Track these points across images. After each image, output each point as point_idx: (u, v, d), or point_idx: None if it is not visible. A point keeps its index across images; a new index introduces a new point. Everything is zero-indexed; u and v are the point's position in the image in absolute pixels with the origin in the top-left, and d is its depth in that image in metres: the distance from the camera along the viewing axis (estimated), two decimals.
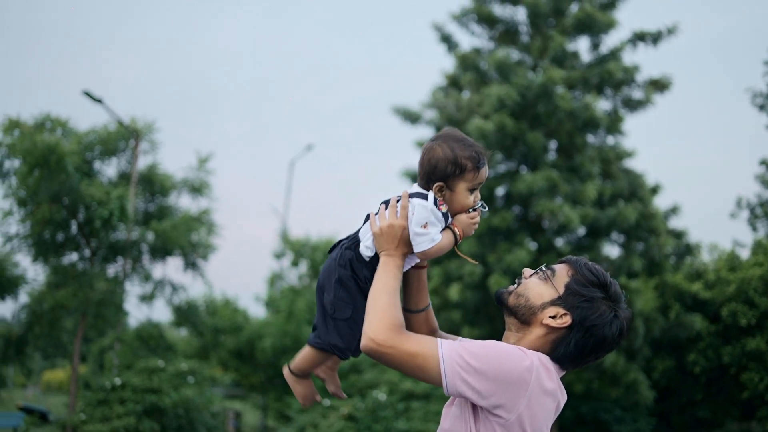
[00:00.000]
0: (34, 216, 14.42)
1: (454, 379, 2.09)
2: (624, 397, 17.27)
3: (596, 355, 2.31)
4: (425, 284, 2.57)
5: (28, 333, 14.98)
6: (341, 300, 2.35)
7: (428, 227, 2.28)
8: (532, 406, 2.12)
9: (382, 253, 2.32)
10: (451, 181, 2.33)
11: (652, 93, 18.32)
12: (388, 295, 2.22)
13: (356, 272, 2.36)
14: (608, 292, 2.31)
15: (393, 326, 2.16)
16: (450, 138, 2.38)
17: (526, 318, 2.33)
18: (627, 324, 2.32)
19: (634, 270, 16.72)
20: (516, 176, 17.39)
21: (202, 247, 16.93)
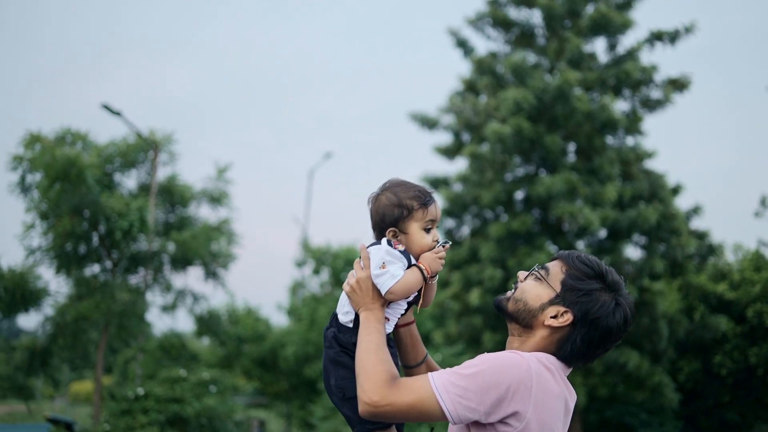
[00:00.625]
0: (56, 229, 14.57)
1: (457, 409, 2.07)
2: (649, 401, 17.07)
3: (605, 347, 2.28)
4: (417, 338, 2.56)
5: (52, 345, 15.12)
6: (344, 379, 2.32)
7: (386, 266, 2.26)
8: (539, 410, 2.08)
9: (360, 310, 2.30)
10: (402, 224, 2.34)
11: (671, 92, 18.16)
12: (373, 353, 2.18)
13: (344, 345, 2.34)
14: (606, 281, 2.27)
15: (384, 383, 2.12)
16: (392, 185, 2.42)
17: (527, 322, 2.31)
18: (631, 310, 2.28)
19: (657, 272, 16.54)
20: (535, 179, 17.29)
21: (222, 257, 17.02)
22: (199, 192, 17.56)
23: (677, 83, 18.30)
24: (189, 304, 17.17)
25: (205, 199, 17.62)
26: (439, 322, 19.81)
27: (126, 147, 16.42)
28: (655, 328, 16.54)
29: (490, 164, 17.67)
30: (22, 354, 15.29)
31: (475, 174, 18.05)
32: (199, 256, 16.30)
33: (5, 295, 13.61)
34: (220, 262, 16.94)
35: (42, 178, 14.59)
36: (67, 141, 15.59)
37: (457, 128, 19.77)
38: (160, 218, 17.12)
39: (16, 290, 13.62)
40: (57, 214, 14.61)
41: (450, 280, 18.08)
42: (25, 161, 14.75)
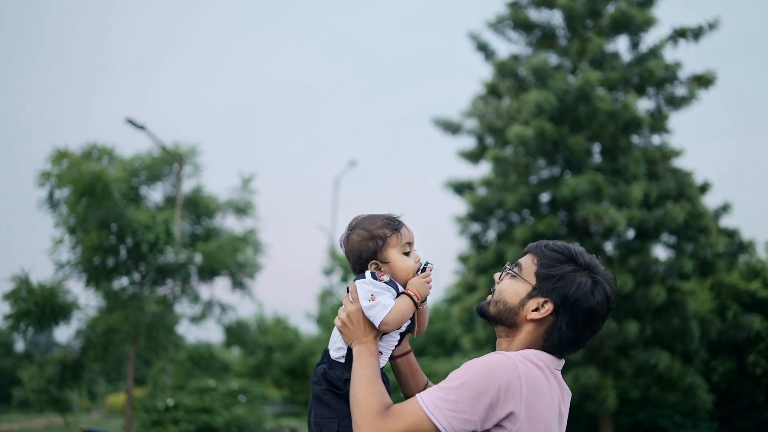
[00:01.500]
0: (84, 243, 14.76)
1: (452, 424, 2.03)
2: (682, 402, 16.81)
3: (592, 328, 2.26)
4: (417, 367, 2.54)
5: (83, 358, 15.32)
6: (324, 418, 2.30)
7: (375, 298, 2.25)
8: (531, 409, 2.06)
9: (354, 344, 2.28)
10: (381, 254, 2.34)
11: (696, 89, 17.92)
12: (365, 387, 2.15)
13: (333, 382, 2.31)
14: (578, 262, 2.25)
15: (376, 415, 2.09)
16: (358, 222, 2.41)
17: (511, 321, 2.29)
18: (611, 286, 2.26)
19: (686, 271, 16.30)
20: (559, 181, 17.17)
21: (248, 267, 17.14)
22: (224, 203, 17.72)
23: (702, 79, 18.06)
24: (217, 314, 17.31)
25: (230, 209, 17.78)
26: (468, 327, 19.71)
27: (151, 160, 16.64)
28: (686, 328, 16.31)
29: (514, 167, 17.58)
30: (54, 367, 15.51)
31: (499, 178, 17.97)
32: (225, 266, 16.43)
33: (35, 309, 13.81)
34: (247, 272, 17.05)
35: (69, 194, 14.80)
36: (93, 156, 15.80)
37: (481, 132, 19.72)
38: (187, 230, 17.30)
39: (46, 305, 13.81)
40: (84, 228, 14.81)
41: (476, 284, 18.00)
42: (52, 177, 14.98)
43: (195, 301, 16.96)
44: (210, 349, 17.07)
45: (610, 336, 15.74)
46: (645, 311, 16.39)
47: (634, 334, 15.61)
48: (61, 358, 15.46)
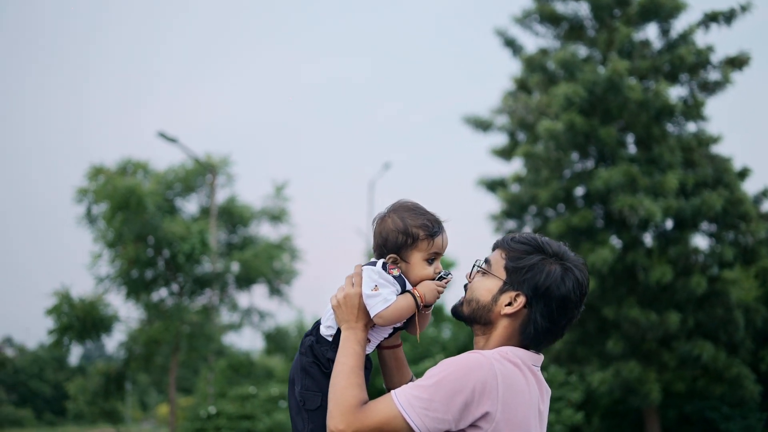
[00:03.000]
0: (122, 256, 15.07)
1: (425, 423, 2.02)
2: (729, 394, 16.44)
3: (567, 315, 2.23)
4: (403, 362, 2.51)
5: (126, 369, 15.62)
6: (309, 390, 2.28)
7: (378, 289, 2.21)
8: (507, 408, 2.04)
9: (343, 326, 2.26)
10: (404, 252, 2.28)
11: (729, 72, 17.51)
12: (345, 377, 2.14)
13: (318, 357, 2.30)
14: (546, 251, 2.23)
15: (350, 410, 2.07)
16: (401, 208, 2.34)
17: (486, 319, 2.26)
18: (582, 272, 2.23)
19: (727, 260, 15.95)
20: (593, 174, 16.96)
21: (285, 273, 17.31)
22: (259, 211, 17.94)
23: (736, 61, 17.63)
24: (255, 321, 17.50)
25: (265, 217, 17.98)
26: None
27: (185, 172, 16.92)
28: (730, 318, 15.95)
29: (545, 162, 17.41)
30: (98, 379, 15.85)
31: (531, 173, 17.81)
32: (262, 274, 16.62)
33: (77, 323, 14.14)
34: (284, 279, 17.22)
35: (106, 208, 15.13)
36: (128, 170, 16.14)
37: (512, 128, 19.58)
38: (222, 239, 17.55)
39: (87, 318, 14.14)
40: (122, 242, 15.12)
41: None
42: (89, 193, 15.33)
43: (233, 310, 17.18)
44: (249, 357, 17.23)
45: (651, 328, 15.49)
46: (686, 302, 16.08)
47: (676, 325, 15.33)
48: (104, 370, 15.79)
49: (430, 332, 21.24)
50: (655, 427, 16.93)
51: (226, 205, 17.45)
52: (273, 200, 17.92)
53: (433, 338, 20.32)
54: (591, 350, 16.98)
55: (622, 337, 15.90)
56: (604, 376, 15.61)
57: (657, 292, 16.09)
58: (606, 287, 16.31)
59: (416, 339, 15.42)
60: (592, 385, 16.06)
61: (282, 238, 17.72)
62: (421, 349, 17.92)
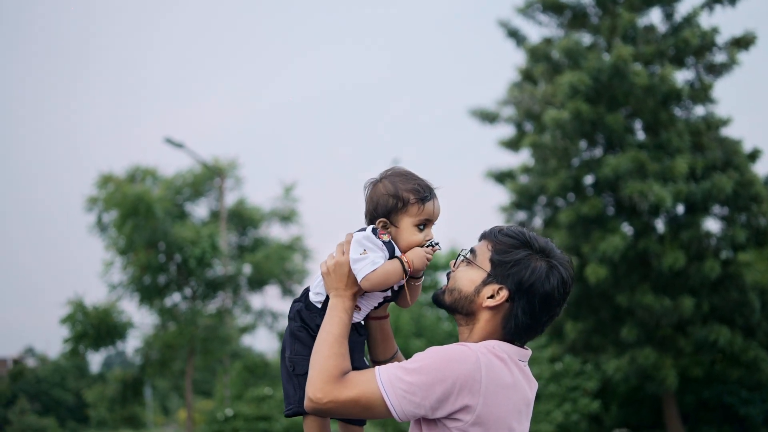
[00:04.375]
0: (134, 263, 15.16)
1: (402, 405, 2.01)
2: (747, 377, 16.34)
3: (549, 313, 2.20)
4: (389, 334, 2.47)
5: (143, 374, 15.72)
6: (298, 354, 2.27)
7: (367, 252, 2.19)
8: (490, 403, 2.03)
9: (332, 294, 2.24)
10: (395, 216, 2.26)
11: (735, 53, 17.35)
12: (328, 345, 2.13)
13: (307, 322, 2.29)
14: (533, 247, 2.19)
15: (330, 379, 2.07)
16: (393, 174, 2.33)
17: (468, 309, 2.24)
18: (567, 270, 2.19)
19: (739, 242, 15.83)
20: (601, 161, 16.87)
21: (297, 274, 17.34)
22: (268, 212, 17.97)
23: (741, 42, 17.46)
24: (269, 322, 17.55)
25: (275, 218, 18.01)
26: None
27: (193, 177, 16.97)
28: (745, 300, 15.85)
29: (553, 152, 17.33)
30: (115, 386, 15.95)
31: (539, 163, 17.74)
32: (274, 275, 16.67)
33: (92, 331, 14.24)
34: (295, 279, 17.26)
35: (116, 216, 15.21)
36: (137, 178, 16.21)
37: (519, 119, 19.51)
38: (233, 242, 17.61)
39: (101, 326, 14.23)
40: (133, 248, 15.20)
41: None
42: (99, 201, 15.42)
43: (246, 311, 17.24)
44: (264, 358, 17.29)
45: (665, 314, 15.41)
46: (700, 286, 15.98)
47: (690, 310, 15.23)
48: (121, 376, 15.89)
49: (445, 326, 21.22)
50: (673, 414, 16.85)
51: (235, 208, 17.50)
52: (282, 201, 17.97)
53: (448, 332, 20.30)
54: (606, 338, 16.91)
55: (637, 324, 15.82)
56: (620, 364, 15.55)
57: (670, 277, 15.99)
58: (619, 275, 16.23)
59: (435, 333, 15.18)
60: (607, 374, 16.01)
61: (293, 239, 17.77)
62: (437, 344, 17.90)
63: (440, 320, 22.63)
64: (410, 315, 22.28)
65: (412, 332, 21.47)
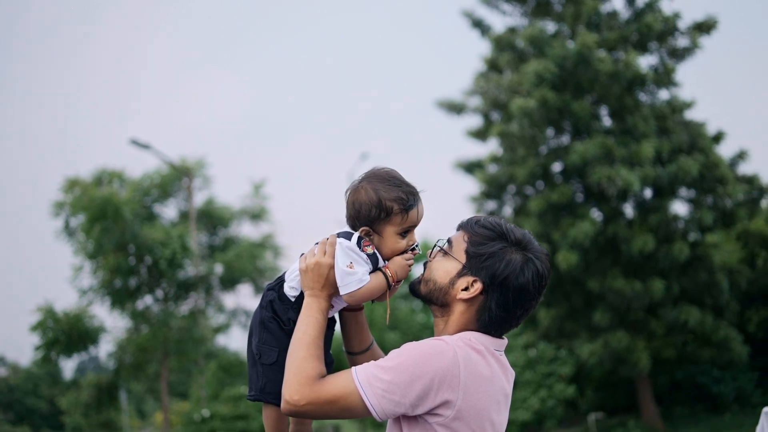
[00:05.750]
0: (103, 267, 14.97)
1: (381, 404, 1.99)
2: (718, 357, 16.59)
3: (523, 306, 2.17)
4: (364, 325, 2.46)
5: (117, 379, 15.55)
6: (266, 344, 2.24)
7: (354, 266, 2.16)
8: (470, 396, 2.02)
9: (307, 292, 2.21)
10: (378, 225, 2.22)
11: (697, 37, 17.57)
12: (305, 347, 2.10)
13: (278, 314, 2.26)
14: (509, 239, 2.17)
15: (307, 381, 2.04)
16: (375, 178, 2.26)
17: (442, 300, 2.22)
18: (543, 263, 2.17)
19: (707, 224, 16.05)
20: (569, 148, 16.98)
21: (269, 271, 17.25)
22: (238, 211, 17.85)
23: (703, 26, 17.68)
24: (243, 321, 17.45)
25: (245, 217, 17.90)
26: None
27: (160, 178, 16.80)
28: (713, 281, 16.06)
29: (520, 140, 17.41)
30: (89, 391, 15.77)
31: (507, 152, 17.82)
32: (246, 273, 16.57)
33: (63, 337, 14.05)
34: (268, 277, 17.17)
35: (84, 220, 15.02)
36: (103, 181, 16.02)
37: (485, 109, 19.55)
38: (204, 242, 17.47)
39: (73, 331, 14.05)
40: (102, 252, 15.02)
41: None
42: (66, 206, 15.21)
43: (220, 311, 17.13)
44: (239, 357, 17.20)
45: (636, 297, 15.57)
46: (670, 269, 16.17)
47: (661, 292, 15.42)
48: (95, 381, 15.71)
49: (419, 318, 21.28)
50: (647, 395, 17.06)
51: (204, 208, 17.36)
52: (252, 199, 17.86)
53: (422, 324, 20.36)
54: (578, 324, 17.06)
55: (609, 309, 15.98)
56: (594, 348, 15.69)
57: (640, 261, 16.16)
58: (589, 260, 16.37)
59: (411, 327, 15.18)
60: (582, 358, 16.15)
61: (263, 237, 17.67)
62: (412, 336, 17.95)
63: (414, 312, 22.67)
64: (384, 308, 22.31)
65: (386, 326, 21.51)
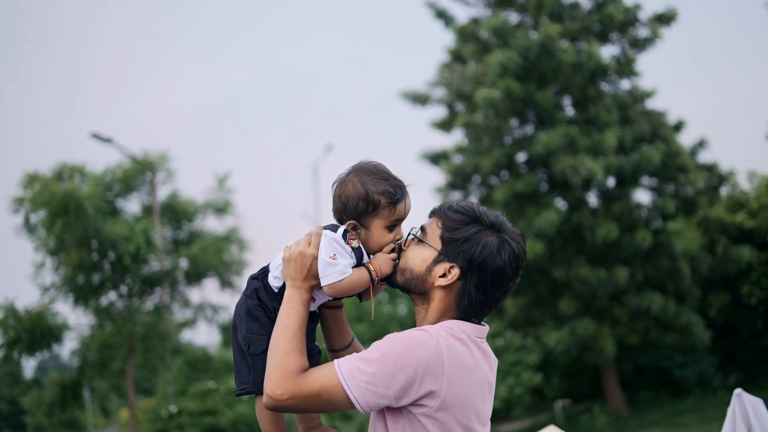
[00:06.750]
0: (66, 263, 14.72)
1: (365, 397, 1.98)
2: (681, 342, 16.89)
3: (502, 288, 2.17)
4: (345, 322, 2.44)
5: (81, 377, 15.32)
6: (254, 333, 2.21)
7: (337, 258, 2.14)
8: (454, 386, 2.00)
9: (289, 283, 2.18)
10: (365, 219, 2.19)
11: (658, 28, 17.82)
12: (287, 340, 2.07)
13: (264, 302, 2.23)
14: (483, 222, 2.16)
15: (289, 375, 2.02)
16: (363, 171, 2.24)
17: (420, 289, 2.20)
18: (519, 245, 2.17)
19: (669, 212, 16.31)
20: (533, 138, 17.12)
21: (235, 265, 17.12)
22: (203, 205, 17.67)
23: (663, 17, 17.94)
24: (210, 316, 17.30)
25: (209, 211, 17.73)
26: None
27: (123, 172, 16.55)
28: (675, 268, 16.34)
29: (485, 131, 17.50)
30: (53, 390, 15.51)
31: (472, 143, 17.90)
32: (211, 267, 16.43)
33: (26, 335, 13.80)
34: (234, 270, 17.04)
35: (44, 216, 14.74)
36: (64, 175, 15.74)
37: (450, 100, 19.60)
38: (168, 236, 17.26)
39: (36, 329, 13.80)
40: (64, 248, 14.76)
41: None
42: (26, 202, 14.91)
43: (186, 306, 16.96)
44: (206, 352, 17.06)
45: (601, 285, 15.78)
46: (633, 256, 16.42)
47: (625, 280, 15.65)
48: (58, 380, 15.46)
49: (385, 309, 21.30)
50: (612, 381, 17.32)
51: (168, 202, 17.14)
52: (216, 193, 17.69)
53: (389, 315, 20.39)
54: (545, 312, 17.23)
55: (574, 297, 16.17)
56: (560, 336, 15.87)
57: (604, 249, 16.38)
58: (554, 249, 16.54)
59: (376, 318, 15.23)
60: (548, 346, 16.32)
61: (229, 230, 17.52)
62: (378, 327, 17.97)
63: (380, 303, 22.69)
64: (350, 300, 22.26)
65: (354, 317, 21.50)
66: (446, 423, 2.02)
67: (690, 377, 17.62)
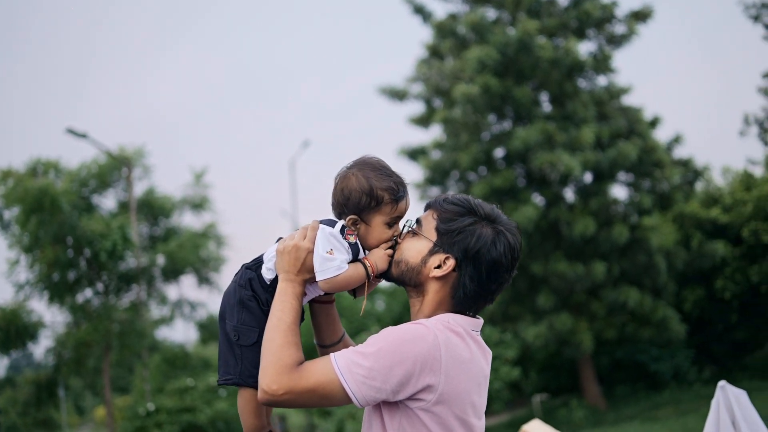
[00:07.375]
0: (41, 260, 14.53)
1: (362, 391, 1.96)
2: (657, 336, 17.07)
3: (497, 280, 2.16)
4: (335, 317, 2.41)
5: (57, 375, 15.15)
6: (245, 324, 2.18)
7: (334, 253, 2.12)
8: (451, 380, 1.99)
9: (282, 276, 2.15)
10: (366, 214, 2.18)
11: (634, 25, 17.97)
12: (282, 334, 2.05)
13: (257, 293, 2.20)
14: (478, 214, 2.16)
15: (284, 370, 1.99)
16: (366, 166, 2.22)
17: (416, 281, 2.19)
18: (514, 236, 2.16)
19: (645, 207, 16.47)
20: (511, 134, 17.19)
21: (212, 261, 17.00)
22: (179, 201, 17.51)
23: (640, 14, 18.11)
24: (187, 313, 17.17)
25: (186, 206, 17.57)
26: None
27: (98, 168, 16.35)
28: (652, 263, 16.50)
29: (463, 126, 17.54)
30: (28, 389, 15.32)
31: (450, 138, 17.93)
32: (189, 264, 16.30)
33: (0, 333, 13.61)
34: (211, 267, 16.92)
35: (18, 212, 14.54)
36: (38, 171, 15.52)
37: (428, 96, 19.61)
38: (145, 232, 17.10)
39: (10, 327, 13.61)
40: (39, 245, 14.57)
41: None
42: None
43: (163, 303, 16.81)
44: (184, 349, 16.94)
45: (578, 280, 15.89)
46: (610, 251, 16.56)
47: (602, 274, 15.77)
48: (33, 378, 15.27)
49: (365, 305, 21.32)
50: (589, 375, 17.46)
51: (145, 198, 16.96)
52: (193, 188, 17.53)
53: (367, 311, 20.39)
54: (523, 307, 17.33)
55: (552, 292, 16.28)
56: (538, 330, 15.96)
57: (582, 244, 16.49)
58: (532, 244, 16.63)
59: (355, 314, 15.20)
60: (527, 341, 16.42)
61: (206, 226, 17.37)
62: (356, 323, 17.96)
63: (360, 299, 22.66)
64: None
65: None
66: (443, 417, 2.01)
67: (666, 371, 17.81)
